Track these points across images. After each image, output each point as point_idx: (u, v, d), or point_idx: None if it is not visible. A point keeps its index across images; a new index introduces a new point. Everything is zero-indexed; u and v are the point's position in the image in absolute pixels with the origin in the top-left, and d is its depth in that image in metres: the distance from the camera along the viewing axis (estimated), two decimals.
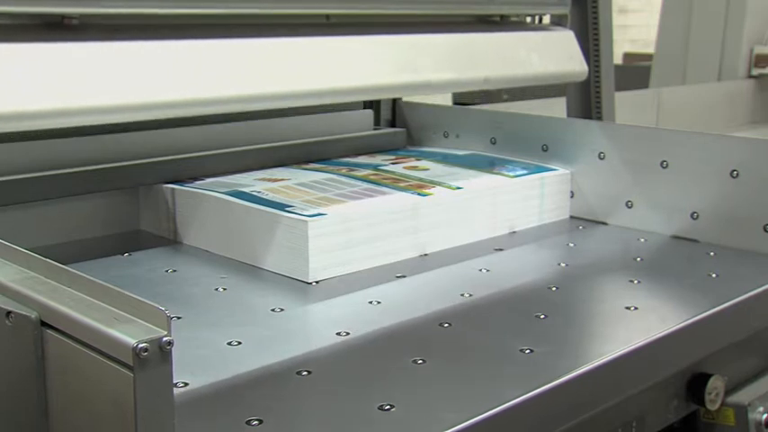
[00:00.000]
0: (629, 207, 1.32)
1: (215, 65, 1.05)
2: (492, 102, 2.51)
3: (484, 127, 1.50)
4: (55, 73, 0.93)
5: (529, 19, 1.53)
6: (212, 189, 1.19)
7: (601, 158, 1.34)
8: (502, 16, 1.45)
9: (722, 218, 1.22)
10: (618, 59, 4.16)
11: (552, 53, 1.44)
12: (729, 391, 1.03)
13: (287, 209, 1.09)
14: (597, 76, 1.79)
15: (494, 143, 1.48)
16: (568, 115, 1.81)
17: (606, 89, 1.80)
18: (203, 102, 1.04)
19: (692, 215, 1.25)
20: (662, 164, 1.27)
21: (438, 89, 1.35)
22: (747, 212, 1.19)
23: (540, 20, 1.54)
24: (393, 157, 1.46)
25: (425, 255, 1.18)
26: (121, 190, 1.25)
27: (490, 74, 1.32)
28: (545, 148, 1.40)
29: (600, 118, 1.79)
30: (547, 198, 1.34)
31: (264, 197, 1.15)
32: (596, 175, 1.34)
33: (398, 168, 1.35)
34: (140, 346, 0.53)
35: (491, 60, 1.34)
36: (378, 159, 1.44)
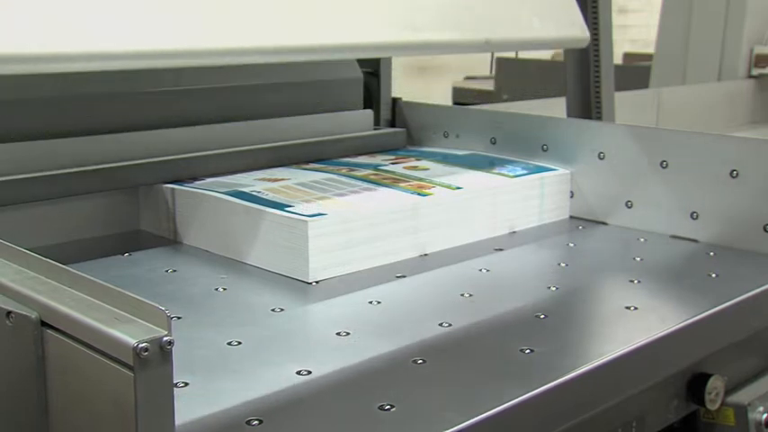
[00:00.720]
0: (629, 207, 1.31)
1: (205, 14, 1.01)
2: (492, 102, 2.51)
3: (484, 127, 1.50)
4: (48, 16, 0.90)
5: None
6: (212, 189, 1.20)
7: (601, 158, 1.34)
8: None
9: (722, 218, 1.22)
10: (618, 59, 4.16)
11: (554, 18, 1.42)
12: (729, 391, 1.03)
13: (287, 209, 1.09)
14: (597, 76, 1.79)
15: (494, 143, 1.48)
16: (568, 115, 1.81)
17: (606, 89, 1.79)
18: (190, 53, 1.00)
19: (691, 215, 1.25)
20: (662, 164, 1.27)
21: (438, 49, 1.32)
22: (747, 212, 1.19)
23: None
24: (393, 157, 1.46)
25: (425, 255, 1.18)
26: (121, 190, 1.25)
27: (491, 36, 1.29)
28: (545, 148, 1.40)
29: (600, 118, 1.79)
30: (547, 198, 1.34)
31: (264, 197, 1.15)
32: (596, 175, 1.34)
33: (398, 168, 1.35)
34: (141, 345, 0.54)
35: (492, 23, 1.31)
36: (378, 159, 1.44)
